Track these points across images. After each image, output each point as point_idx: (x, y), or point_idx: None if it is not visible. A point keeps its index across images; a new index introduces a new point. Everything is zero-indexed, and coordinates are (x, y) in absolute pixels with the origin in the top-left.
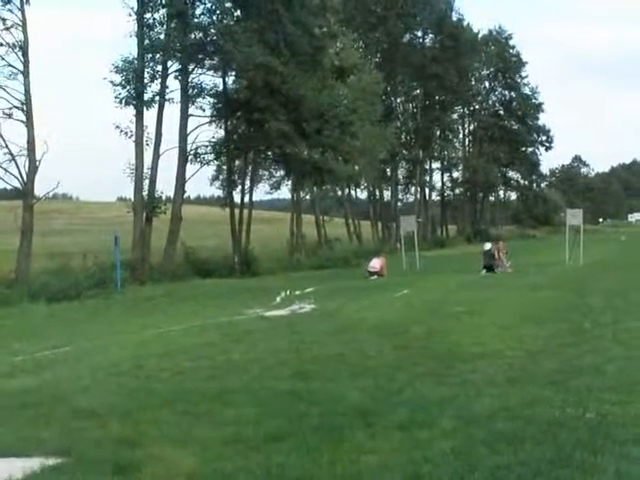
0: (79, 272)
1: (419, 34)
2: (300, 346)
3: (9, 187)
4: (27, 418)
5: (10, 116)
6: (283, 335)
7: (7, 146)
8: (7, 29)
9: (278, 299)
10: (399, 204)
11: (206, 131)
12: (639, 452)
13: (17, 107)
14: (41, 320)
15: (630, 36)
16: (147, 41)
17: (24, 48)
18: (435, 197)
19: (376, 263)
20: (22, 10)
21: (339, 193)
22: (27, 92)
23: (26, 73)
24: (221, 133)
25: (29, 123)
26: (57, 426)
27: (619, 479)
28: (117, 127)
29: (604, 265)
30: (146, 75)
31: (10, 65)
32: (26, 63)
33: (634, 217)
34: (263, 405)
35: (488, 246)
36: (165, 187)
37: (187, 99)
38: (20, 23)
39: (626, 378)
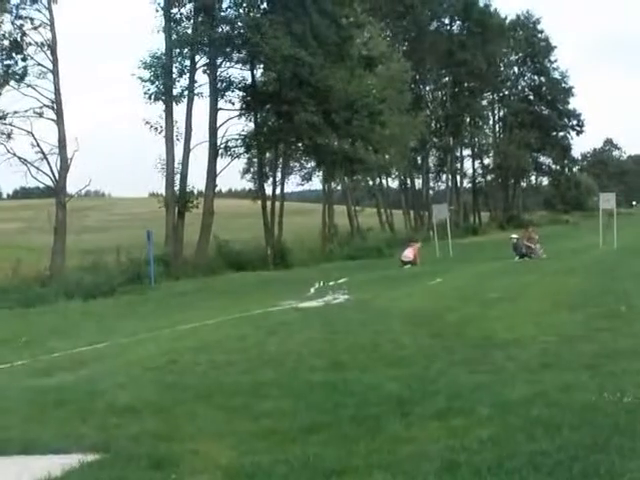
0: (113, 268)
1: (446, 21)
2: (334, 337)
3: (41, 185)
4: (65, 415)
5: (41, 115)
6: (317, 326)
7: (39, 145)
8: (35, 28)
9: (312, 290)
10: (431, 192)
11: (236, 124)
12: None
13: (47, 106)
14: (76, 317)
15: None
16: (175, 36)
17: (53, 47)
18: (466, 184)
19: (409, 252)
20: (49, 9)
21: (370, 183)
22: (57, 90)
23: (55, 72)
24: (251, 126)
25: (60, 121)
26: (94, 422)
27: None
28: (147, 123)
29: (638, 249)
30: (174, 70)
31: (39, 64)
32: (55, 62)
33: None
34: (298, 397)
35: (515, 236)
36: (196, 181)
37: (216, 93)
38: (48, 22)
39: None
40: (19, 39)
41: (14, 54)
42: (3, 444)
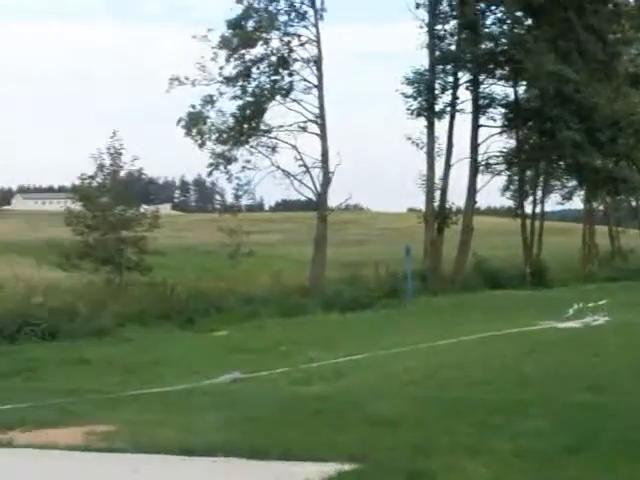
0: (371, 282)
1: None
2: (594, 359)
3: (303, 198)
4: (323, 423)
5: (305, 129)
6: (576, 347)
7: (302, 158)
8: (302, 45)
9: (570, 311)
10: None
11: (497, 141)
12: None
13: (312, 120)
14: (334, 328)
15: None
16: (438, 52)
17: (318, 63)
18: None
19: None
20: (316, 26)
21: (633, 203)
22: (321, 106)
23: (320, 87)
24: (512, 143)
25: (323, 136)
26: (352, 432)
27: None
28: (408, 138)
29: None
30: (437, 86)
31: (305, 80)
32: (320, 77)
33: None
34: (557, 417)
35: None
36: (455, 197)
37: (478, 110)
38: (314, 39)
39: None
40: (286, 55)
41: (281, 70)
42: (264, 449)
